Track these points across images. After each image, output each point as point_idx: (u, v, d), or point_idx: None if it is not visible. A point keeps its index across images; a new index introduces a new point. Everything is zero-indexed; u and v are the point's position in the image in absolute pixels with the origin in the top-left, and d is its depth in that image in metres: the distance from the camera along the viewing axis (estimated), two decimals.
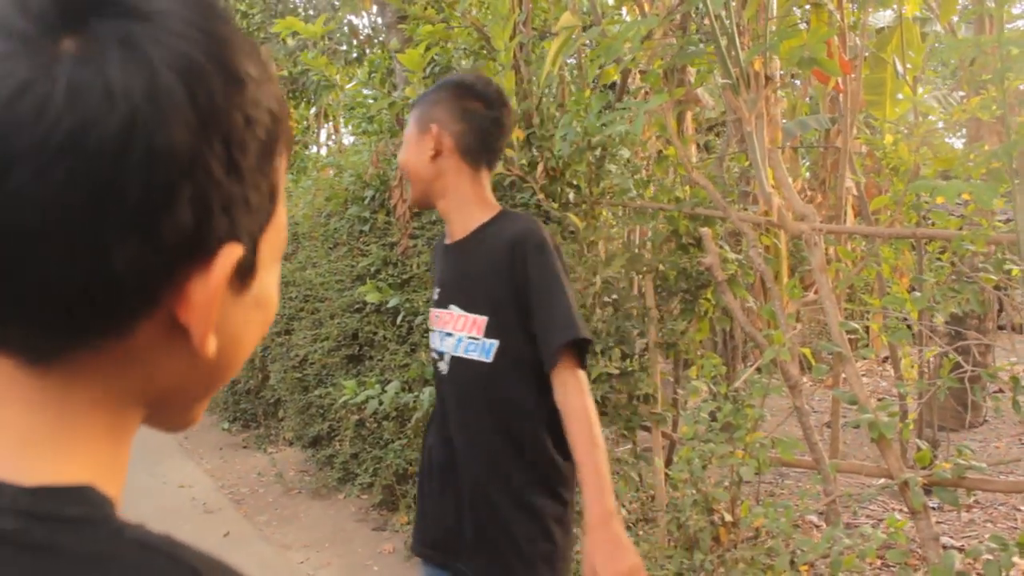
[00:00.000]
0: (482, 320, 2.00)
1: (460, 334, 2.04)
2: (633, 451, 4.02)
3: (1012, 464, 5.23)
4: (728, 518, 3.41)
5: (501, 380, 1.99)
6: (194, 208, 0.49)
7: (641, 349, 3.90)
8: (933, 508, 4.66)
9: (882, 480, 4.15)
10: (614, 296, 3.89)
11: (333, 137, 12.50)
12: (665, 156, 4.05)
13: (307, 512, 5.57)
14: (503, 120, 2.06)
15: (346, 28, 9.78)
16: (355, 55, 9.77)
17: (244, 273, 0.56)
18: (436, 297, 2.15)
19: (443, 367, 2.09)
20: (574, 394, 1.89)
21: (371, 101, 5.17)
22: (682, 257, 3.84)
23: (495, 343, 1.98)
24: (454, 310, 2.07)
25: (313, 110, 11.60)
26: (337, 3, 9.60)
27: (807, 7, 4.43)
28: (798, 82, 8.39)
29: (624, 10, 5.12)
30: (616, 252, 3.86)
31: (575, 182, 4.00)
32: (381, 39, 9.22)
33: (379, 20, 9.29)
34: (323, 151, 12.29)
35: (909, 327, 3.58)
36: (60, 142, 0.45)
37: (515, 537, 1.97)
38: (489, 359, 1.98)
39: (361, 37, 9.81)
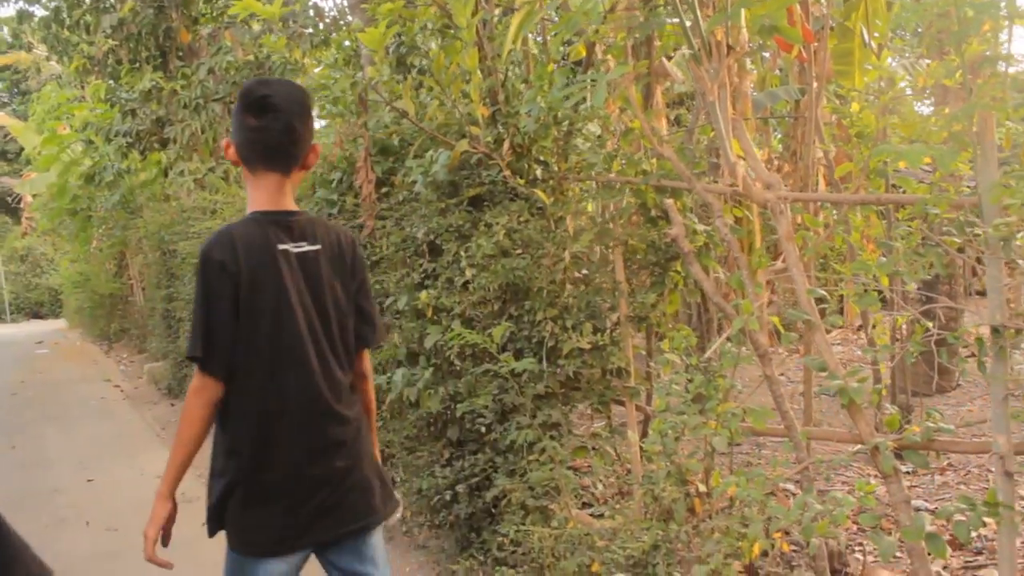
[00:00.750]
0: None
1: None
2: (608, 426, 4.03)
3: (982, 426, 5.28)
4: (702, 489, 3.43)
5: None
6: None
7: (612, 323, 3.90)
8: (906, 472, 4.71)
9: (857, 447, 4.18)
10: (584, 271, 3.88)
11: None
12: (631, 130, 4.03)
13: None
14: (265, 126, 2.22)
15: (311, 11, 9.66)
16: (322, 38, 9.67)
17: None
18: None
19: None
20: (188, 394, 2.21)
21: (333, 83, 5.12)
22: (651, 230, 3.84)
23: None
24: None
25: None
26: None
27: None
28: (767, 54, 8.37)
29: None
30: (584, 227, 3.85)
31: (542, 158, 3.98)
32: (347, 20, 9.13)
33: (344, 1, 9.20)
34: None
35: (880, 293, 3.59)
36: None
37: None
38: None
39: (327, 19, 9.70)
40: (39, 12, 11.66)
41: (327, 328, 2.29)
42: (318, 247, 2.28)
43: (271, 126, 2.21)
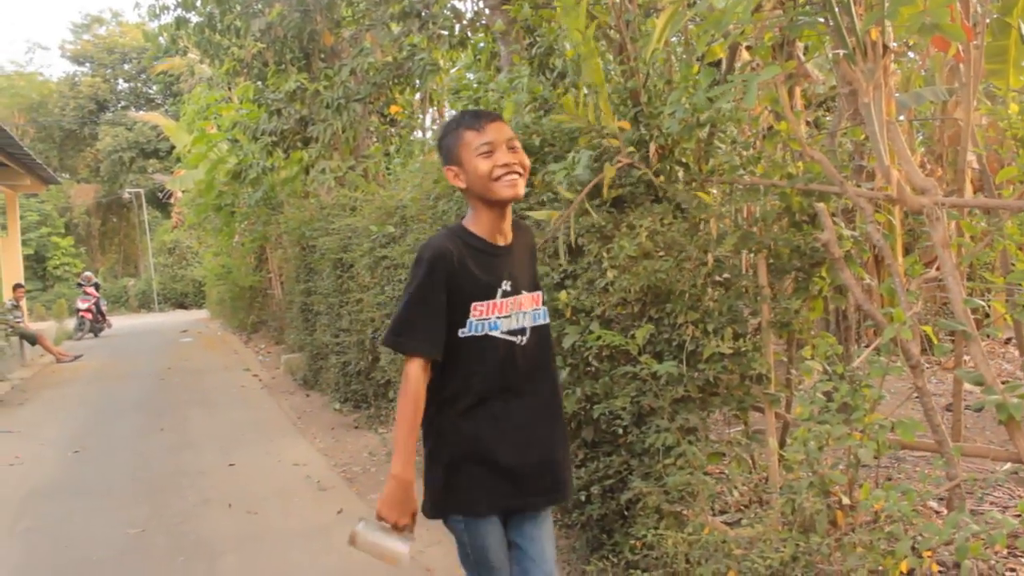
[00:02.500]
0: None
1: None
2: (745, 432, 3.96)
3: None
4: (846, 501, 3.33)
5: None
6: None
7: (754, 328, 3.84)
8: None
9: (1008, 464, 3.99)
10: (726, 275, 3.83)
11: (438, 121, 12.62)
12: (776, 132, 3.95)
13: (418, 491, 5.67)
14: None
15: (449, 12, 9.83)
16: (458, 39, 9.82)
17: None
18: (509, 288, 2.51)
19: (523, 340, 2.52)
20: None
21: (475, 84, 5.20)
22: (795, 234, 3.75)
23: None
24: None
25: (418, 96, 11.72)
26: None
27: None
28: (911, 53, 8.07)
29: None
30: (727, 230, 3.79)
31: (684, 160, 3.94)
32: (484, 22, 9.24)
33: (481, 3, 9.32)
34: (428, 135, 12.43)
35: None
36: None
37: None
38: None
39: (464, 21, 9.85)
40: (194, 19, 12.21)
41: None
42: None
43: None
